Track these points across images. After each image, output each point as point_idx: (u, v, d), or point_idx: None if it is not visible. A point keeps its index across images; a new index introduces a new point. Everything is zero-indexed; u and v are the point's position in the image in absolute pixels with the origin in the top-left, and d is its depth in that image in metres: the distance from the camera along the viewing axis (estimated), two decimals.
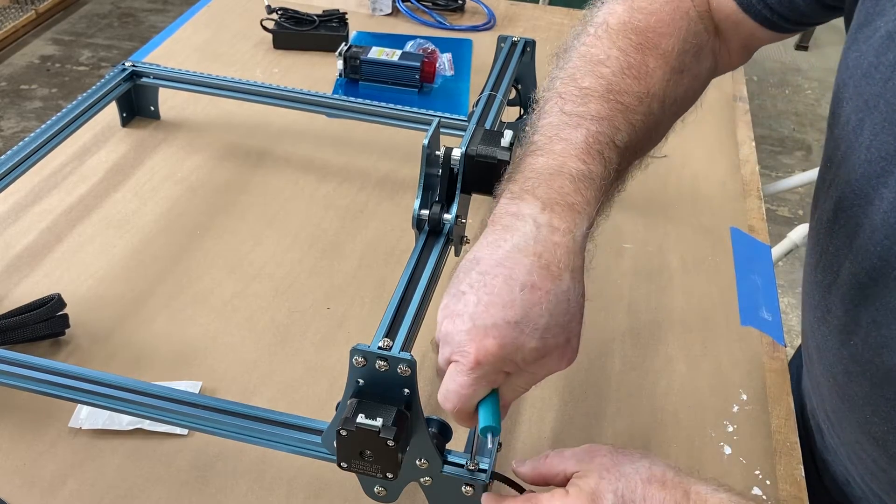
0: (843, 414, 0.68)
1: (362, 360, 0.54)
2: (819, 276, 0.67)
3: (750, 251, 0.95)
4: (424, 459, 0.57)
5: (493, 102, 0.87)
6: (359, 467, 0.55)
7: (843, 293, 0.63)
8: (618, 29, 0.64)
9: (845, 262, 0.62)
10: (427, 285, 0.64)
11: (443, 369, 0.53)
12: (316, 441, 0.60)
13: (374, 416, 0.53)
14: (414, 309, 0.61)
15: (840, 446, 0.72)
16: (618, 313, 0.85)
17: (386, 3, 1.42)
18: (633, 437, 0.72)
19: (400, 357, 0.53)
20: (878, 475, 0.66)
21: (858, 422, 0.65)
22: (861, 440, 0.66)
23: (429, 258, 0.67)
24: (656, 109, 0.63)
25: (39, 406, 0.69)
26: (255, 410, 0.62)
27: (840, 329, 0.64)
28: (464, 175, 0.70)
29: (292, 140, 1.07)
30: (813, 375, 0.74)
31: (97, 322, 0.79)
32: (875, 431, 0.63)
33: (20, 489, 0.64)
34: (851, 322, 0.62)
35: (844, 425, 0.69)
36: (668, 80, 0.64)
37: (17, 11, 3.34)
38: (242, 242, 0.90)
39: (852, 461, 0.71)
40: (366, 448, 0.54)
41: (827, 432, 0.75)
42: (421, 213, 0.69)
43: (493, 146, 0.70)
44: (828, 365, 0.67)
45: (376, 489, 0.59)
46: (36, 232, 0.89)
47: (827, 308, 0.65)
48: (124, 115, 1.06)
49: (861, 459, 0.68)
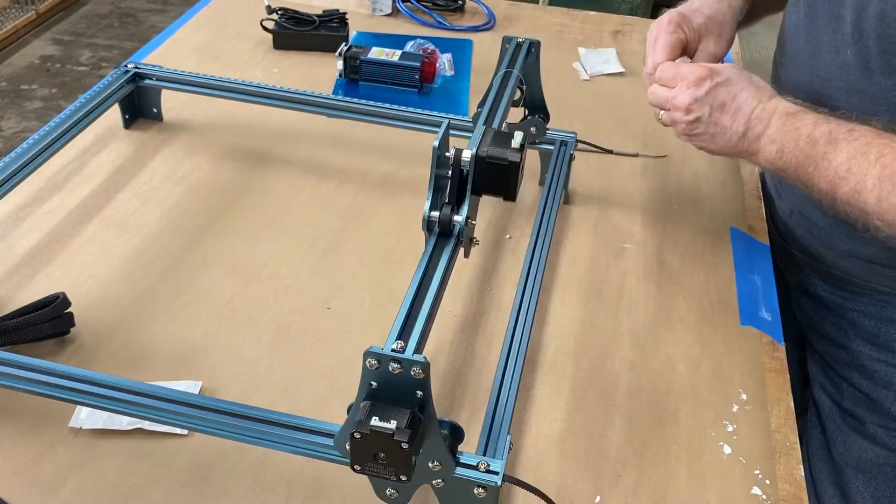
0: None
1: (376, 362, 0.53)
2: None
3: (749, 251, 0.95)
4: (437, 462, 0.57)
5: (509, 82, 0.86)
6: (372, 470, 0.55)
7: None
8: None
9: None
10: (438, 287, 0.64)
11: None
12: (316, 441, 0.60)
13: (388, 418, 0.53)
14: (426, 311, 0.61)
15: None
16: (618, 313, 0.85)
17: (386, 4, 1.42)
18: (633, 436, 0.72)
19: (414, 359, 0.53)
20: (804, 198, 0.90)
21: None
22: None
23: (439, 260, 0.67)
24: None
25: (39, 406, 0.69)
26: (255, 411, 0.62)
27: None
28: (474, 176, 0.70)
29: (292, 140, 1.08)
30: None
31: (99, 322, 0.79)
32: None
33: (20, 489, 0.64)
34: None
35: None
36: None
37: (17, 11, 3.34)
38: (243, 242, 0.90)
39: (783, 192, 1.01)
40: (379, 451, 0.54)
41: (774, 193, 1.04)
42: (431, 215, 0.69)
43: (504, 147, 0.70)
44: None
45: (388, 492, 0.59)
46: (38, 234, 0.89)
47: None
48: (127, 117, 1.06)
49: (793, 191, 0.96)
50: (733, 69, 0.80)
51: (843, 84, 0.81)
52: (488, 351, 0.79)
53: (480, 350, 0.79)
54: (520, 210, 0.98)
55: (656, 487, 0.68)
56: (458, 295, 0.85)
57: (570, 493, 0.67)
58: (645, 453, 0.71)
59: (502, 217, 0.97)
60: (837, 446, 0.96)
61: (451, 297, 0.85)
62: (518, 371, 0.69)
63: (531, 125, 0.96)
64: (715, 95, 0.79)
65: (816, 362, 1.00)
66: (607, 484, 0.68)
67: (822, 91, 0.83)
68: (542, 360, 0.79)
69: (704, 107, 0.79)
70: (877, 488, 0.93)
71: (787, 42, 0.90)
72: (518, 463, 0.70)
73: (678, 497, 0.68)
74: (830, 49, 0.82)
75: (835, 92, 0.82)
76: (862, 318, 0.93)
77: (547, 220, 0.87)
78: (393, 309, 0.61)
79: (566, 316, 0.84)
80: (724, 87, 0.79)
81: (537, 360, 0.79)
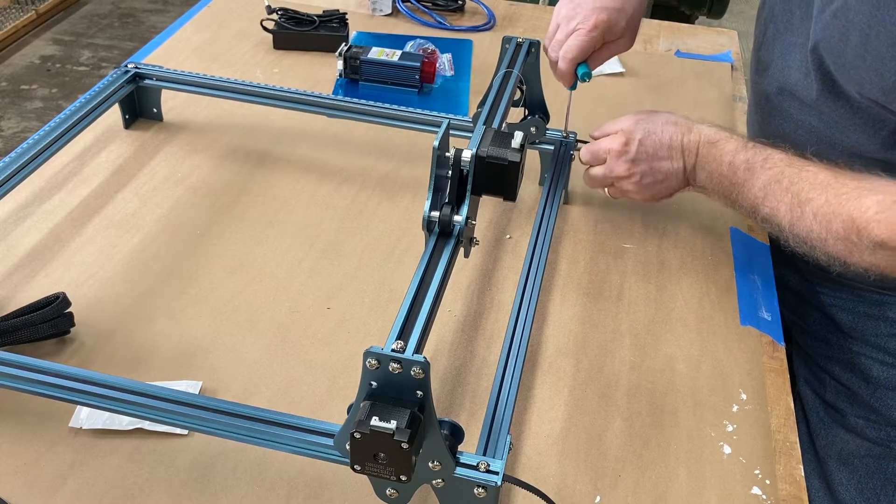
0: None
1: (375, 362, 0.53)
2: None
3: (749, 251, 0.95)
4: (437, 462, 0.57)
5: (509, 82, 0.87)
6: (372, 470, 0.55)
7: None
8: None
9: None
10: (438, 287, 0.64)
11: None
12: (316, 441, 0.60)
13: (388, 418, 0.53)
14: (426, 311, 0.61)
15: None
16: (618, 313, 0.85)
17: (386, 4, 1.42)
18: (633, 436, 0.72)
19: (413, 359, 0.53)
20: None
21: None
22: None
23: (439, 260, 0.67)
24: None
25: (39, 406, 0.69)
26: (255, 411, 0.62)
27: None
28: (474, 176, 0.69)
29: (292, 140, 1.08)
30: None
31: (99, 322, 0.79)
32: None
33: (20, 489, 0.64)
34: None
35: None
36: None
37: (17, 11, 3.34)
38: (243, 242, 0.90)
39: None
40: (380, 451, 0.54)
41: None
42: (431, 215, 0.69)
43: (504, 147, 0.70)
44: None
45: (388, 492, 0.59)
46: (38, 233, 0.89)
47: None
48: (127, 117, 1.06)
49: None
50: (638, 120, 0.86)
51: (810, 103, 0.85)
52: (488, 351, 0.79)
53: (480, 350, 0.79)
54: (520, 210, 0.98)
55: (656, 487, 0.68)
56: (458, 295, 0.85)
57: (570, 493, 0.67)
58: (645, 453, 0.71)
59: (502, 217, 0.97)
60: (821, 439, 0.98)
61: (451, 297, 0.85)
62: (518, 371, 0.69)
63: (531, 125, 0.96)
64: (644, 151, 0.85)
65: (800, 356, 1.02)
66: (607, 484, 0.68)
67: (789, 104, 0.88)
68: (542, 360, 0.79)
69: (641, 165, 0.85)
70: (860, 480, 0.94)
71: (761, 48, 0.94)
72: (518, 463, 0.70)
73: (678, 497, 0.68)
74: (801, 67, 0.85)
75: (796, 108, 0.87)
76: (840, 313, 0.96)
77: (547, 220, 0.87)
78: (393, 309, 0.61)
79: (566, 316, 0.84)
80: (648, 139, 0.85)
81: (537, 360, 0.79)
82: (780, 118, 0.90)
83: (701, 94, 1.26)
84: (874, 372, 0.93)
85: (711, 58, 1.36)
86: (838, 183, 0.74)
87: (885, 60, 0.71)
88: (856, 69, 0.75)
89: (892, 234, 0.70)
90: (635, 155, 0.85)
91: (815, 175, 0.76)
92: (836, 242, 0.73)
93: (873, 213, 0.71)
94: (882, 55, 0.71)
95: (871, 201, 0.71)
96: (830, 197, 0.74)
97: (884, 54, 0.71)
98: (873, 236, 0.70)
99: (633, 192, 0.88)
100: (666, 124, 0.85)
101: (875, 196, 0.71)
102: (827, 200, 0.74)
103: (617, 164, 0.86)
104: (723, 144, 0.82)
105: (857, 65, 0.75)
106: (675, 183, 0.86)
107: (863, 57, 0.73)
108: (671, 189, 0.87)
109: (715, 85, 1.28)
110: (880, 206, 0.70)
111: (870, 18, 0.71)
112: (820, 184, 0.75)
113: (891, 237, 0.70)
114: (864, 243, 0.71)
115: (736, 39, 1.44)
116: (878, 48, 0.71)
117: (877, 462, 0.93)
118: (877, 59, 0.72)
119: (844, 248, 0.73)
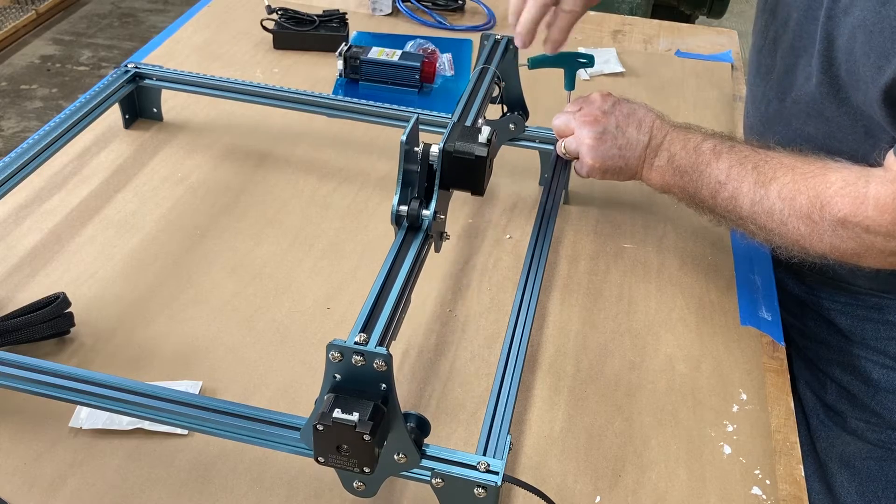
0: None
1: (338, 354, 0.54)
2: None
3: (749, 251, 0.95)
4: (402, 454, 0.58)
5: (485, 78, 0.87)
6: (336, 462, 0.56)
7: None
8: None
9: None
10: (405, 281, 0.64)
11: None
12: None
13: (351, 410, 0.53)
14: (391, 304, 0.61)
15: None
16: (618, 313, 0.85)
17: (386, 3, 1.42)
18: (633, 436, 0.72)
19: (376, 352, 0.53)
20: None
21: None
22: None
23: (407, 254, 0.67)
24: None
25: (39, 406, 0.69)
26: (255, 411, 0.62)
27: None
28: (442, 171, 0.70)
29: (292, 140, 1.08)
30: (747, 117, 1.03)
31: (99, 322, 0.79)
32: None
33: (20, 489, 0.64)
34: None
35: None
36: None
37: (17, 11, 3.34)
38: (242, 242, 0.90)
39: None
40: (342, 442, 0.54)
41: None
42: (399, 209, 0.69)
43: (471, 142, 0.71)
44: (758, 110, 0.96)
45: (355, 484, 0.60)
46: (38, 233, 0.89)
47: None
48: (127, 117, 1.06)
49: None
50: (620, 97, 0.89)
51: (812, 110, 0.85)
52: (488, 351, 0.79)
53: (480, 350, 0.79)
54: (520, 210, 0.98)
55: (656, 487, 0.68)
56: (458, 295, 0.85)
57: (570, 493, 0.67)
58: (645, 453, 0.71)
59: (502, 217, 0.97)
60: (821, 441, 0.98)
61: (451, 298, 0.85)
62: (518, 371, 0.69)
63: (510, 122, 0.96)
64: (620, 108, 0.87)
65: (801, 359, 1.02)
66: (607, 484, 0.68)
67: (790, 109, 0.88)
68: (542, 360, 0.79)
69: (611, 118, 0.86)
70: (861, 482, 0.94)
71: (761, 51, 0.94)
72: (518, 463, 0.70)
73: (678, 497, 0.68)
74: (803, 74, 0.85)
75: (797, 113, 0.87)
76: (840, 317, 0.96)
77: (547, 220, 0.87)
78: None
79: (566, 316, 0.84)
80: (626, 104, 0.88)
81: (537, 360, 0.79)
82: (781, 124, 0.90)
83: (701, 94, 1.26)
84: (874, 375, 0.93)
85: (711, 58, 1.36)
86: (804, 164, 0.76)
87: (888, 56, 0.71)
88: (862, 68, 0.75)
89: (854, 209, 0.70)
90: (611, 109, 0.87)
91: (780, 158, 0.78)
92: (798, 222, 0.74)
93: (838, 187, 0.72)
94: (886, 51, 0.71)
95: (835, 177, 0.73)
96: (797, 176, 0.75)
97: (888, 50, 0.71)
98: (836, 211, 0.71)
99: (588, 144, 0.86)
100: (643, 107, 0.88)
101: (839, 173, 0.73)
102: (793, 178, 0.75)
103: (590, 108, 0.87)
104: (692, 132, 0.85)
105: (863, 62, 0.74)
106: (630, 156, 0.86)
107: (867, 55, 0.73)
108: (624, 160, 0.86)
109: (715, 85, 1.28)
110: (844, 182, 0.72)
111: (875, 15, 0.71)
112: (786, 165, 0.77)
113: (852, 212, 0.71)
114: (826, 221, 0.72)
115: (736, 39, 1.44)
116: (882, 44, 0.71)
117: (878, 465, 0.93)
118: (880, 55, 0.72)
119: (806, 228, 0.74)
